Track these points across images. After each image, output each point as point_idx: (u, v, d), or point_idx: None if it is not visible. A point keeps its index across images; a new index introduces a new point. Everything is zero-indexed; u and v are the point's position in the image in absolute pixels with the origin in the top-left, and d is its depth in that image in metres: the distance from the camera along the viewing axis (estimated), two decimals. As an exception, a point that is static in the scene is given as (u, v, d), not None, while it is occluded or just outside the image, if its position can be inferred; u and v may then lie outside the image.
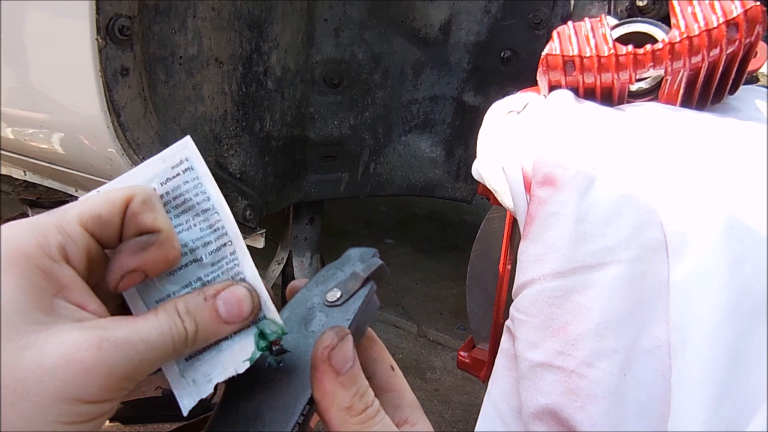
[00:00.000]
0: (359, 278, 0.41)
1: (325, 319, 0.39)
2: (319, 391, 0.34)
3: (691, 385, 0.63)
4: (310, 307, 0.40)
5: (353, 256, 0.43)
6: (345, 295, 0.40)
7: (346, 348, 0.34)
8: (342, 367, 0.34)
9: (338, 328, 0.35)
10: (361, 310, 0.39)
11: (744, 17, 0.77)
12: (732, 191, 0.68)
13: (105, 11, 0.88)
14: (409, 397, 0.40)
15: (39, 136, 1.11)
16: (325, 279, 0.42)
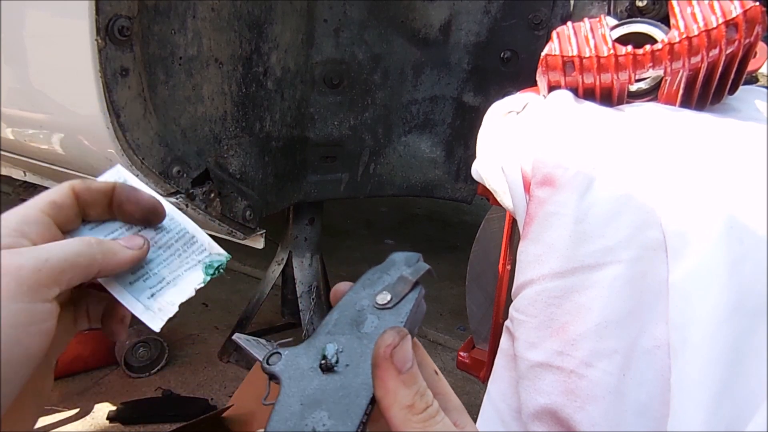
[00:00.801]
0: (408, 282, 0.42)
1: (377, 321, 0.40)
2: (381, 389, 0.35)
3: (690, 385, 0.63)
4: (359, 310, 0.41)
5: (398, 260, 0.44)
6: (395, 298, 0.41)
7: (407, 347, 0.35)
8: (403, 366, 0.35)
9: (398, 328, 0.36)
10: (411, 313, 0.40)
11: (743, 18, 0.77)
12: (732, 191, 0.68)
13: (105, 12, 0.88)
14: (455, 400, 0.40)
15: (39, 136, 1.11)
16: (372, 282, 0.43)
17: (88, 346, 1.76)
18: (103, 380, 1.77)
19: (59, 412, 1.62)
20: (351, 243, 2.93)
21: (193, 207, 1.13)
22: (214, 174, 1.18)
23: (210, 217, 1.18)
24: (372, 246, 2.92)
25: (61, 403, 1.65)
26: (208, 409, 1.63)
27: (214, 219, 1.20)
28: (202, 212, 1.16)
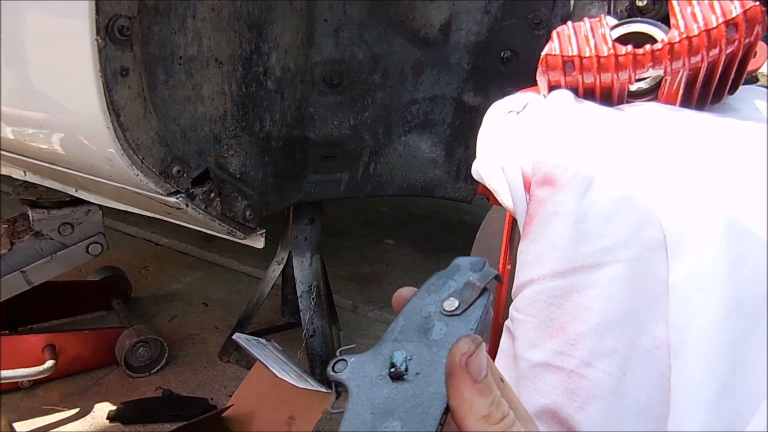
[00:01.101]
0: (476, 288, 0.40)
1: (446, 329, 0.39)
2: (457, 398, 0.34)
3: (690, 385, 0.63)
4: (426, 316, 0.40)
5: (463, 265, 0.43)
6: (463, 305, 0.40)
7: (482, 355, 0.34)
8: (479, 375, 0.34)
9: (472, 336, 0.35)
10: (481, 320, 0.39)
11: (743, 17, 0.77)
12: (731, 191, 0.68)
13: (105, 11, 0.88)
14: (522, 410, 0.40)
15: (39, 136, 1.11)
16: (437, 288, 0.42)
17: (89, 345, 1.77)
18: (103, 380, 1.77)
19: (59, 412, 1.62)
20: (351, 243, 2.93)
21: (193, 207, 1.14)
22: (214, 174, 1.18)
23: (210, 216, 1.19)
24: (372, 246, 2.92)
25: (61, 402, 1.65)
26: (208, 409, 1.63)
27: (214, 219, 1.20)
28: (202, 212, 1.16)
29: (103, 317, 2.04)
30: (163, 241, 2.65)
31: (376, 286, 2.50)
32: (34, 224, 1.66)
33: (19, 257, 1.63)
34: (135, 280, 2.24)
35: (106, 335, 1.81)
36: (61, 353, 1.68)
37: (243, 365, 1.84)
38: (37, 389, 1.69)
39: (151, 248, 2.63)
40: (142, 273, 2.40)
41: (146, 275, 2.38)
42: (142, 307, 2.16)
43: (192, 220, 1.25)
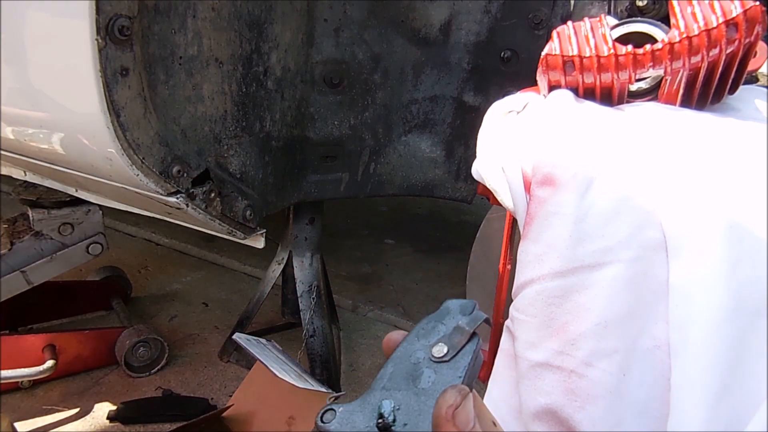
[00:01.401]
0: (465, 333, 0.40)
1: (435, 376, 0.38)
2: None
3: (690, 384, 0.63)
4: (415, 363, 0.40)
5: (452, 308, 0.43)
6: (452, 351, 0.39)
7: (469, 407, 0.34)
8: (465, 427, 0.34)
9: (459, 387, 0.35)
10: (469, 367, 0.39)
11: (743, 17, 0.77)
12: (732, 191, 0.68)
13: (105, 11, 0.88)
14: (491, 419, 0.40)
15: (39, 136, 1.11)
16: (426, 332, 0.41)
17: (89, 345, 1.77)
18: (103, 380, 1.77)
19: (59, 412, 1.62)
20: (351, 243, 2.92)
21: (193, 207, 1.14)
22: (215, 174, 1.18)
23: (210, 216, 1.19)
24: (372, 245, 2.92)
25: (61, 402, 1.65)
26: (208, 409, 1.63)
27: (214, 218, 1.20)
28: (203, 212, 1.16)
29: (103, 317, 2.04)
30: (163, 241, 2.65)
31: (376, 286, 2.50)
32: (35, 224, 1.66)
33: (19, 257, 1.63)
34: (135, 280, 2.24)
35: (106, 335, 1.81)
36: (61, 353, 1.68)
37: (243, 365, 1.84)
38: (37, 389, 1.69)
39: (151, 248, 2.63)
40: (142, 273, 2.40)
41: (146, 275, 2.38)
42: (142, 307, 2.16)
43: (192, 220, 1.25)
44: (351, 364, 1.97)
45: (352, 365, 1.97)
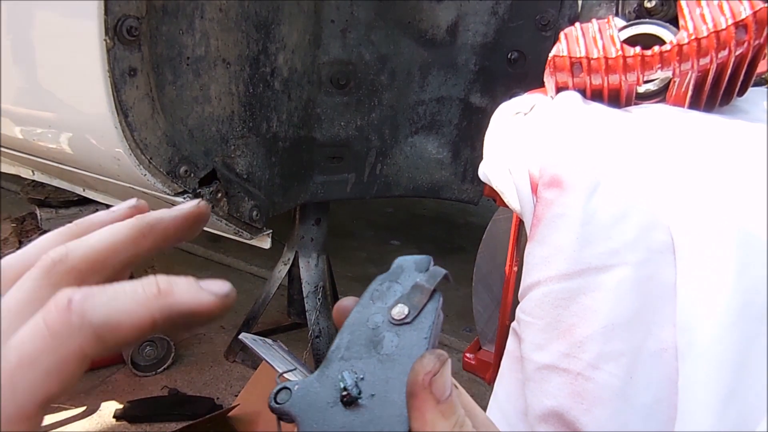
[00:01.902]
0: (425, 291, 0.37)
1: (398, 340, 0.36)
2: (419, 420, 0.32)
3: (697, 387, 0.62)
4: (373, 327, 0.36)
5: (407, 266, 0.39)
6: (413, 311, 0.36)
7: (447, 374, 0.32)
8: (443, 395, 0.32)
9: (438, 352, 0.32)
10: (435, 327, 0.36)
11: (753, 19, 0.76)
12: (740, 194, 0.67)
13: (113, 12, 0.89)
14: (480, 415, 0.38)
15: (47, 135, 1.11)
16: (381, 294, 0.38)
17: (95, 344, 1.77)
18: (109, 379, 1.77)
19: (66, 410, 1.63)
20: (357, 243, 2.93)
21: (200, 207, 1.14)
22: (221, 174, 1.18)
23: (217, 216, 1.19)
24: (378, 247, 2.92)
25: (68, 401, 1.66)
26: (213, 409, 1.64)
27: (220, 219, 1.20)
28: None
29: (110, 316, 2.05)
30: (170, 240, 2.66)
31: (382, 287, 2.50)
32: (42, 223, 1.67)
33: (27, 256, 1.64)
34: (142, 280, 2.25)
35: (112, 334, 1.82)
36: (68, 352, 1.69)
37: (249, 365, 1.84)
38: (44, 387, 1.70)
39: (157, 248, 2.64)
40: (149, 272, 2.40)
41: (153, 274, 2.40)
42: (148, 306, 2.17)
43: (199, 220, 1.25)
44: (356, 364, 1.97)
45: (357, 366, 1.97)
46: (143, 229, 0.34)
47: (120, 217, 0.36)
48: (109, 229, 0.33)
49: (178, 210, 0.35)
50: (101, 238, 0.33)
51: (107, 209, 0.37)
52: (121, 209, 0.37)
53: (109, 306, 0.28)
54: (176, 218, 0.35)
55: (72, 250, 0.31)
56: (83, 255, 0.31)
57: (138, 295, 0.29)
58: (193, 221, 0.36)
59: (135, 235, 0.34)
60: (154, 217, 0.34)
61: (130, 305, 0.28)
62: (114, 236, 0.33)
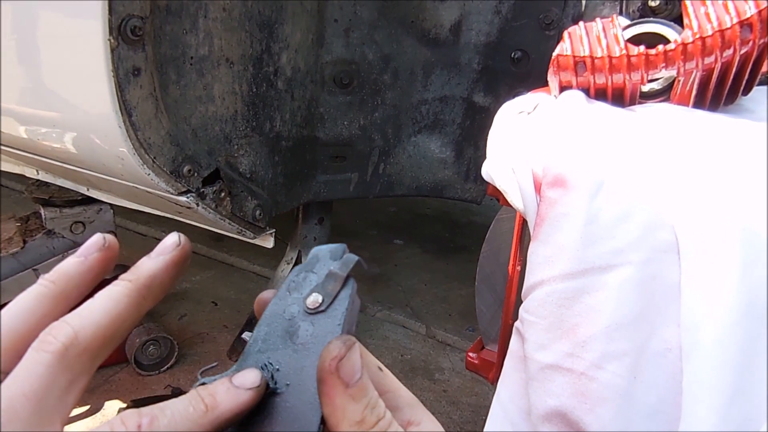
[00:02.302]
0: (338, 278, 0.37)
1: (312, 329, 0.36)
2: (329, 406, 0.32)
3: (702, 388, 0.62)
4: (289, 318, 0.36)
5: (322, 255, 0.39)
6: (327, 299, 0.37)
7: (355, 357, 0.32)
8: (351, 378, 0.32)
9: (344, 337, 0.33)
10: (347, 313, 0.36)
11: (758, 18, 0.76)
12: (745, 193, 0.67)
13: (117, 12, 0.89)
14: (405, 395, 0.38)
15: (51, 135, 1.12)
16: (298, 285, 0.38)
17: (99, 343, 1.78)
18: (113, 378, 1.78)
19: (70, 409, 1.63)
20: (360, 243, 2.93)
21: (203, 206, 1.14)
22: (225, 173, 1.18)
23: (220, 216, 1.19)
24: (381, 246, 2.92)
25: (72, 400, 1.67)
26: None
27: (224, 218, 1.20)
28: (213, 211, 1.17)
29: (114, 315, 2.05)
30: (173, 240, 2.66)
31: (385, 286, 2.50)
32: (47, 223, 1.67)
33: (31, 255, 1.65)
34: (145, 279, 2.25)
35: (116, 333, 1.82)
36: (72, 351, 1.69)
37: (252, 364, 1.84)
38: (48, 386, 1.70)
39: (161, 247, 2.65)
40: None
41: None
42: (152, 305, 2.18)
43: (202, 220, 1.25)
44: (359, 364, 1.97)
45: (360, 365, 1.97)
46: (142, 292, 0.34)
47: (94, 265, 0.36)
48: (109, 299, 0.33)
49: (164, 258, 0.36)
50: (104, 310, 0.33)
51: (75, 253, 0.36)
52: (91, 255, 0.36)
53: (169, 429, 0.30)
54: (167, 269, 0.36)
55: (80, 331, 0.31)
56: (93, 335, 0.32)
57: (191, 415, 0.31)
58: (181, 264, 0.36)
59: (136, 301, 0.34)
60: (147, 275, 0.35)
61: (187, 425, 0.31)
62: (117, 307, 0.33)
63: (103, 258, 0.36)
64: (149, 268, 0.35)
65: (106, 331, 0.32)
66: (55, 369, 0.30)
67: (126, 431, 0.29)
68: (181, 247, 0.36)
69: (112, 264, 0.37)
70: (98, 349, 0.32)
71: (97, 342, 0.32)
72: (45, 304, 0.33)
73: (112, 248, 0.37)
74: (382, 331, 2.19)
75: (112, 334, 0.33)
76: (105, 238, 0.37)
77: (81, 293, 0.35)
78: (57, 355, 0.30)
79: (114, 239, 0.37)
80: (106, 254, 0.36)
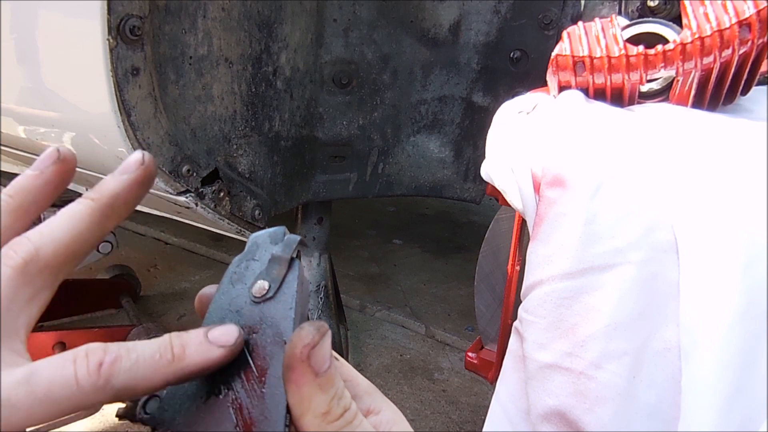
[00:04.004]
0: (283, 261, 0.35)
1: (263, 317, 0.34)
2: (295, 395, 0.30)
3: (701, 387, 0.62)
4: (237, 311, 0.34)
5: (261, 241, 0.37)
6: (274, 284, 0.34)
7: (326, 346, 0.30)
8: (321, 368, 0.30)
9: (318, 323, 0.31)
10: (298, 295, 0.34)
11: (757, 18, 0.76)
12: (744, 193, 0.67)
13: (116, 11, 0.89)
14: (363, 383, 0.37)
15: (50, 135, 1.12)
16: (240, 275, 0.36)
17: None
18: (112, 378, 1.78)
19: (69, 409, 1.63)
20: (359, 243, 2.93)
21: (202, 206, 1.14)
22: (224, 173, 1.18)
23: (219, 216, 1.19)
24: (380, 245, 2.92)
25: (71, 400, 1.66)
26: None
27: (223, 218, 1.20)
28: (212, 211, 1.17)
29: (113, 315, 2.05)
30: (173, 240, 2.66)
31: (384, 286, 2.50)
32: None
33: (30, 255, 1.64)
34: (144, 279, 2.25)
35: (115, 333, 1.82)
36: (70, 351, 1.69)
37: (251, 364, 1.84)
38: (47, 386, 1.70)
39: (160, 247, 2.64)
40: (152, 272, 2.41)
41: (155, 274, 2.40)
42: (151, 305, 2.18)
43: (201, 219, 1.25)
44: (358, 363, 1.97)
45: (359, 365, 1.97)
46: (105, 211, 0.34)
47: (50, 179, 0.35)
48: (71, 218, 0.33)
49: (129, 179, 0.34)
50: (65, 228, 0.32)
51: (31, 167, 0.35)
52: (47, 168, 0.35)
53: (130, 372, 0.30)
54: (130, 188, 0.34)
55: (41, 247, 0.31)
56: (54, 252, 0.32)
57: (155, 362, 0.31)
58: (146, 184, 0.35)
59: (98, 220, 0.33)
60: (109, 194, 0.34)
61: (148, 372, 0.31)
62: (78, 225, 0.33)
63: (59, 170, 0.35)
64: (111, 188, 0.34)
65: (67, 248, 0.32)
66: (16, 282, 0.30)
67: (86, 367, 0.29)
68: (144, 165, 0.35)
69: (69, 177, 0.35)
70: (59, 265, 0.32)
71: (58, 258, 0.32)
72: (4, 218, 0.33)
73: (67, 160, 0.35)
74: (381, 330, 2.20)
75: (73, 252, 0.32)
76: (59, 150, 0.35)
77: (39, 207, 0.34)
78: (17, 269, 0.30)
79: (69, 151, 0.35)
80: (61, 167, 0.35)
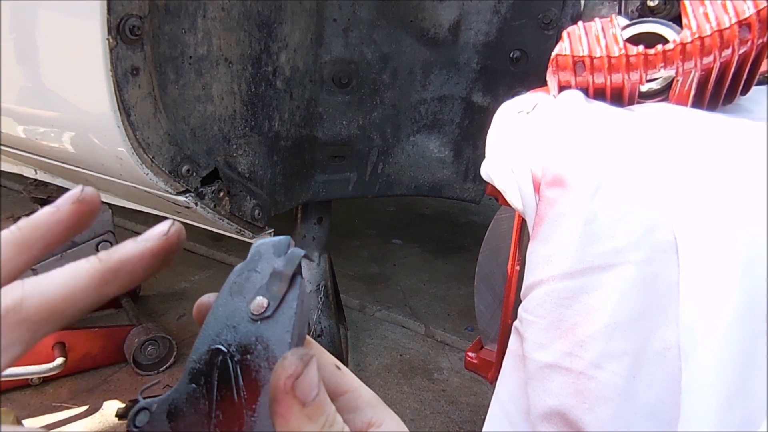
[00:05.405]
0: (284, 277, 0.34)
1: (259, 338, 0.32)
2: (283, 427, 0.29)
3: (701, 387, 0.62)
4: (234, 326, 0.33)
5: (264, 251, 0.35)
6: (273, 302, 0.33)
7: (312, 374, 0.29)
8: (308, 397, 0.29)
9: (300, 351, 0.29)
10: (297, 317, 0.33)
11: (756, 18, 0.76)
12: (743, 193, 0.67)
13: (116, 11, 0.89)
14: (365, 394, 0.36)
15: (50, 135, 1.12)
16: (240, 286, 0.34)
17: (97, 343, 1.78)
18: (112, 378, 1.78)
19: (68, 409, 1.63)
20: (359, 242, 2.93)
21: (202, 206, 1.14)
22: (224, 173, 1.18)
23: (219, 215, 1.19)
24: (380, 245, 2.92)
25: (71, 400, 1.67)
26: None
27: (222, 218, 1.20)
28: (211, 211, 1.16)
29: (112, 315, 2.05)
30: (172, 239, 2.66)
31: (384, 285, 2.50)
32: (45, 222, 1.66)
33: (29, 255, 1.64)
34: (144, 279, 2.25)
35: (115, 333, 1.82)
36: (70, 351, 1.70)
37: (251, 364, 1.84)
38: (47, 386, 1.71)
39: (159, 247, 2.64)
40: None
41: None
42: (150, 305, 2.18)
43: (201, 219, 1.25)
44: (358, 363, 1.97)
45: (359, 365, 1.97)
46: (107, 276, 0.32)
47: (65, 218, 0.33)
48: (70, 275, 0.31)
49: (144, 247, 0.33)
50: (59, 285, 0.31)
51: (51, 204, 0.34)
52: (65, 207, 0.34)
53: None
54: (143, 258, 0.33)
55: (27, 298, 0.30)
56: (38, 306, 0.30)
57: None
58: (163, 256, 0.33)
59: (97, 283, 0.32)
60: (119, 258, 0.32)
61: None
62: (73, 284, 0.31)
63: (76, 211, 0.33)
64: (123, 252, 0.33)
65: (53, 306, 0.30)
66: None
67: None
68: (167, 236, 0.33)
69: (87, 218, 0.34)
70: (41, 321, 0.30)
71: (40, 315, 0.30)
72: (5, 250, 0.31)
73: (87, 202, 0.34)
74: (381, 330, 2.19)
75: (60, 311, 0.30)
76: (82, 190, 0.34)
77: (46, 245, 0.33)
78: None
79: (93, 193, 0.34)
80: (79, 207, 0.33)
